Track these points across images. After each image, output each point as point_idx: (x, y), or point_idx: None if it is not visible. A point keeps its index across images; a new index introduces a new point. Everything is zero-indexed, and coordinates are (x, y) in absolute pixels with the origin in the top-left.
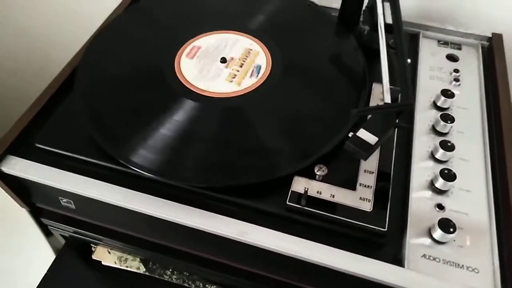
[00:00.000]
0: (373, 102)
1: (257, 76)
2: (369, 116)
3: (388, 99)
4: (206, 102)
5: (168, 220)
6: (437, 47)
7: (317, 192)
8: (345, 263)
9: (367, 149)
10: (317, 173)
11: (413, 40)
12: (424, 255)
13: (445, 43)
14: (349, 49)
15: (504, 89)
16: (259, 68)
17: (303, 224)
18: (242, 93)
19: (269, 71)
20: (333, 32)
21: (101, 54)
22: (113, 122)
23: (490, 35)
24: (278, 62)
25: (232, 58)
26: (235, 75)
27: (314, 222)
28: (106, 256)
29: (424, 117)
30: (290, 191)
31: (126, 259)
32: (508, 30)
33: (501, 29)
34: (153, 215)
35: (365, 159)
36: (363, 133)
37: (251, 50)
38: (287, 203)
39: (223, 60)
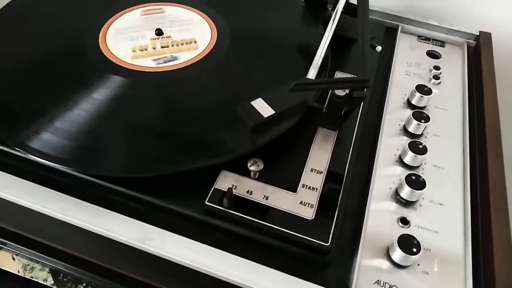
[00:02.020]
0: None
1: (196, 51)
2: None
3: (312, 76)
4: (128, 77)
5: (53, 216)
6: (417, 42)
7: (247, 192)
8: (274, 287)
9: (256, 121)
10: (251, 168)
11: (391, 34)
12: (378, 282)
13: (427, 39)
14: (313, 34)
15: (490, 92)
16: (197, 43)
17: (224, 232)
18: (174, 68)
19: (210, 48)
20: (297, 14)
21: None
22: (8, 102)
23: (478, 33)
24: (224, 39)
25: (167, 31)
26: (172, 47)
27: (239, 230)
28: (9, 262)
29: (394, 117)
30: (213, 188)
31: (32, 268)
32: (498, 29)
33: (489, 28)
34: (35, 209)
35: (253, 133)
36: (259, 104)
37: (193, 23)
38: (206, 203)
39: (159, 33)
